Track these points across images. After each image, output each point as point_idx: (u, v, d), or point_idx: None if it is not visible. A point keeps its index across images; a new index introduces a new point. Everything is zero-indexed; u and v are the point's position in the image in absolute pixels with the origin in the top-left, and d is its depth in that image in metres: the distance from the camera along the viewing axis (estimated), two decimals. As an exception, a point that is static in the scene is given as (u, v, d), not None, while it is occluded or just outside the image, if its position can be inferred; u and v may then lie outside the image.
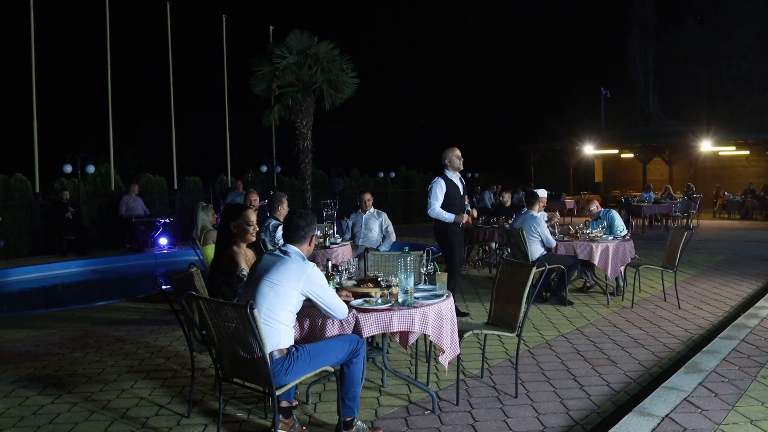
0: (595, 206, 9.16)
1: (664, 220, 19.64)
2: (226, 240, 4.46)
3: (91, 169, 15.45)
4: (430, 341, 5.34)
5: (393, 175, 24.38)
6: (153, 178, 17.06)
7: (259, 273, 3.66)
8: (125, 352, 6.13)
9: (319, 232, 7.53)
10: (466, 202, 7.57)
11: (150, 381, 5.21)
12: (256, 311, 3.30)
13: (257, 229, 4.53)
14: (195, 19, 20.12)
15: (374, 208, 8.83)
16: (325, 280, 3.69)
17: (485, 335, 5.35)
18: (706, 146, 25.34)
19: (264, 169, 18.83)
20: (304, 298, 3.65)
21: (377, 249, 8.42)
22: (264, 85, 17.24)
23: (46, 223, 14.68)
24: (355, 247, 8.40)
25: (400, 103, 35.84)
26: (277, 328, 3.52)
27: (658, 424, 3.84)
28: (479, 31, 39.28)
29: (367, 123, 31.45)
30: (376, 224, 8.64)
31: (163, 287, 9.25)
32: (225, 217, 4.55)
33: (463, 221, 7.08)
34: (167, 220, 15.40)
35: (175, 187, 17.35)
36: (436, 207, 7.00)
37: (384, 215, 8.71)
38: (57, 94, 16.23)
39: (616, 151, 29.89)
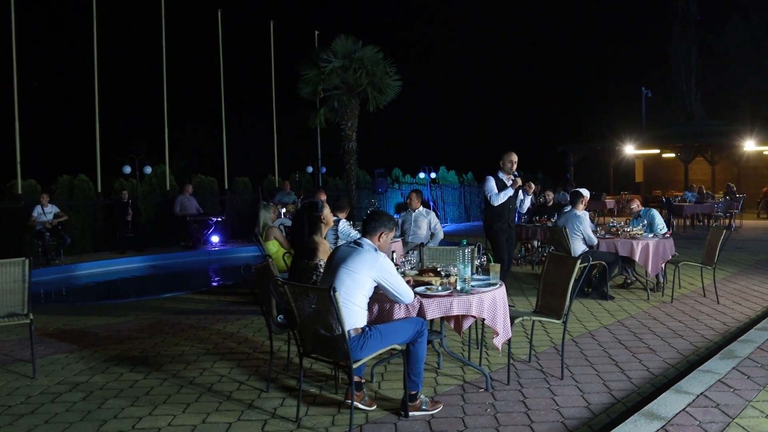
0: (635, 205, 9.48)
1: (706, 220, 19.68)
2: (309, 231, 4.98)
3: (148, 170, 16.24)
4: (481, 330, 5.82)
5: (434, 175, 24.79)
6: (205, 179, 17.80)
7: (337, 262, 4.19)
8: (199, 338, 6.72)
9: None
10: (522, 198, 8.13)
11: (227, 362, 5.77)
12: (337, 294, 3.81)
13: (331, 224, 5.05)
14: (244, 26, 20.84)
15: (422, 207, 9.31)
16: (395, 268, 4.20)
17: (532, 323, 5.80)
18: (749, 145, 25.17)
19: (310, 169, 19.45)
20: (376, 284, 4.16)
21: (420, 246, 8.88)
22: (310, 89, 17.85)
23: (107, 222, 15.51)
24: (405, 243, 8.88)
25: (441, 104, 36.23)
26: (353, 309, 4.04)
27: (693, 400, 4.24)
28: (521, 32, 39.44)
29: (408, 124, 31.92)
30: (424, 222, 9.10)
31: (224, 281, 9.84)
32: (305, 210, 5.08)
33: (517, 185, 7.89)
34: (219, 219, 16.08)
35: (226, 187, 18.04)
36: (495, 196, 7.62)
37: (432, 214, 9.18)
38: (113, 97, 17.04)
39: (657, 151, 29.80)
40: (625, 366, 5.41)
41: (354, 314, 4.04)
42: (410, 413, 4.29)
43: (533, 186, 8.21)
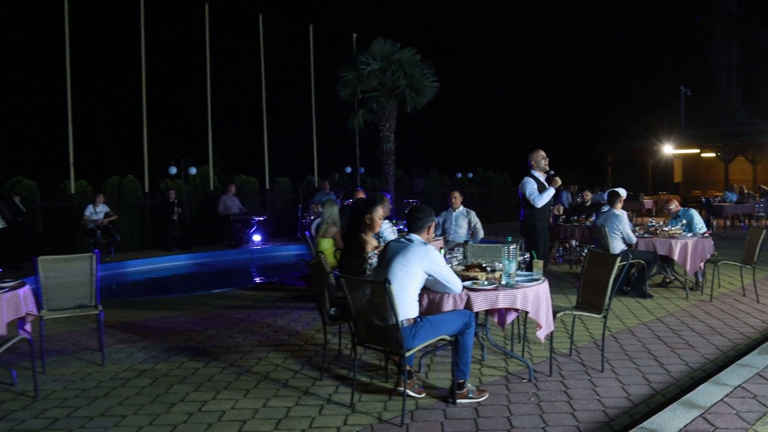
0: (674, 205, 9.57)
1: (746, 221, 19.48)
2: (359, 228, 5.27)
3: (193, 170, 16.75)
4: (523, 326, 6.04)
5: (470, 175, 24.97)
6: (246, 179, 18.26)
7: (389, 256, 4.47)
8: (251, 330, 7.06)
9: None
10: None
11: (280, 353, 6.09)
12: (391, 286, 4.09)
13: (376, 228, 5.33)
14: (284, 30, 21.31)
15: (463, 206, 9.54)
16: (444, 260, 4.47)
17: (573, 319, 6.01)
18: (793, 145, 24.79)
19: (348, 170, 19.79)
20: (427, 276, 4.43)
21: (465, 244, 9.10)
22: (349, 91, 18.22)
23: (153, 220, 16.05)
24: (446, 242, 9.12)
25: (478, 104, 36.31)
26: (406, 301, 4.32)
27: (731, 391, 4.41)
28: (558, 31, 39.29)
29: (445, 124, 32.11)
30: (464, 221, 9.33)
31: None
32: (359, 210, 5.38)
33: (558, 185, 8.11)
34: (261, 218, 16.50)
35: (267, 187, 18.47)
36: (538, 197, 7.77)
37: (472, 213, 9.40)
38: (158, 100, 17.60)
39: (696, 151, 29.47)
40: (664, 360, 5.58)
41: (407, 305, 4.32)
42: (458, 401, 4.55)
43: (559, 181, 8.35)
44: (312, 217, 16.16)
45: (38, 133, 21.53)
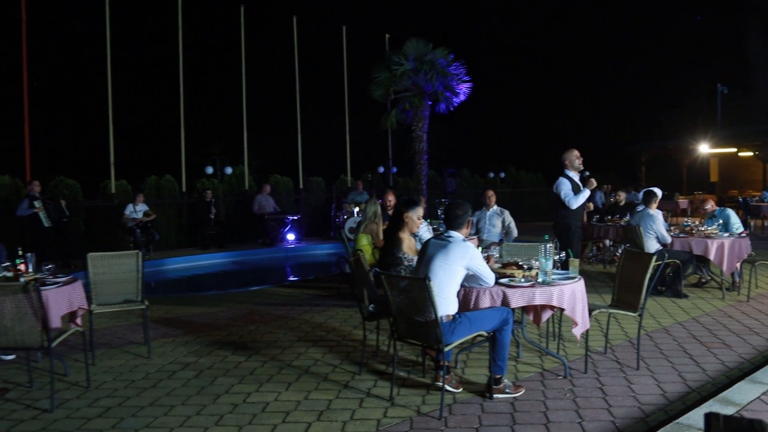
0: (710, 205, 9.52)
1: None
2: (397, 227, 5.40)
3: (228, 170, 17.05)
4: (558, 324, 6.11)
5: (503, 175, 24.94)
6: (281, 179, 18.52)
7: (429, 254, 4.59)
8: (290, 326, 7.24)
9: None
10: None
11: (319, 348, 6.25)
12: (431, 283, 4.21)
13: (414, 228, 5.46)
14: (318, 31, 21.55)
15: (497, 205, 9.62)
16: (481, 256, 4.59)
17: (608, 318, 6.06)
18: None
19: (381, 169, 19.94)
20: (466, 273, 4.54)
21: (500, 243, 9.18)
22: (382, 91, 18.38)
23: (190, 219, 16.39)
24: (480, 241, 9.20)
25: (510, 103, 36.20)
26: (445, 297, 4.44)
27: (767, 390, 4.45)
28: (591, 29, 38.98)
29: (478, 124, 32.09)
30: (498, 221, 9.40)
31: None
32: (399, 208, 5.52)
33: (593, 186, 8.07)
34: (295, 217, 16.72)
35: (301, 186, 18.71)
36: (573, 199, 7.76)
37: (506, 212, 9.46)
38: (193, 100, 17.96)
39: (733, 150, 29.00)
40: (699, 359, 5.61)
41: (446, 302, 4.44)
42: (494, 395, 4.65)
43: (594, 182, 8.34)
44: (345, 217, 16.37)
45: (80, 134, 22.10)
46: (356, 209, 16.23)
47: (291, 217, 16.61)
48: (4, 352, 5.63)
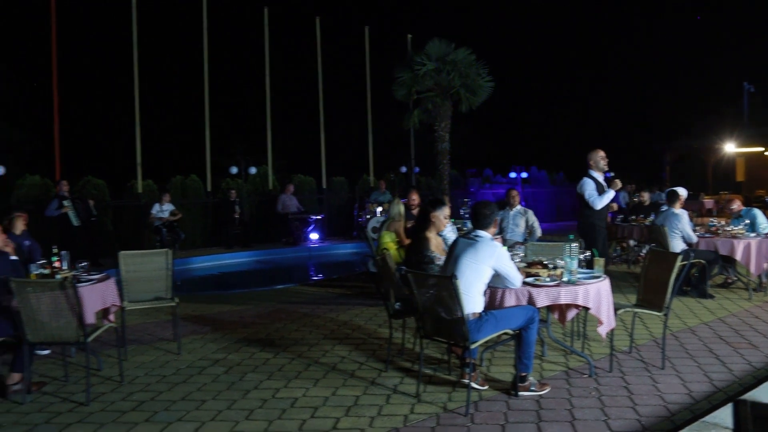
0: (736, 205, 9.44)
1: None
2: (424, 226, 5.46)
3: (253, 170, 17.22)
4: (583, 323, 6.14)
5: (525, 174, 24.88)
6: (304, 178, 18.65)
7: (457, 253, 4.66)
8: (315, 324, 7.33)
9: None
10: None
11: (345, 345, 6.34)
12: (458, 281, 4.27)
13: (441, 227, 5.52)
14: (341, 31, 21.68)
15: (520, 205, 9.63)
16: (509, 256, 4.64)
17: (633, 317, 6.07)
18: None
19: (404, 169, 20.00)
20: (493, 272, 4.60)
21: (524, 243, 9.19)
22: (404, 91, 18.42)
23: (215, 219, 16.58)
24: (503, 241, 9.22)
25: (532, 102, 36.07)
26: (472, 296, 4.50)
27: (795, 389, 4.44)
28: (615, 27, 38.70)
29: (499, 123, 32.02)
30: (522, 220, 9.41)
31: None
32: (425, 208, 5.59)
33: (618, 187, 7.97)
34: (318, 217, 16.84)
35: (324, 186, 18.83)
36: (598, 199, 7.76)
37: (530, 212, 9.47)
38: (218, 101, 18.16)
39: (760, 149, 28.62)
40: (726, 359, 5.60)
41: (472, 300, 4.50)
42: (520, 393, 4.70)
43: (619, 183, 8.31)
44: (368, 216, 16.46)
45: (108, 135, 22.45)
46: (379, 209, 16.32)
47: (314, 217, 16.73)
48: (39, 347, 5.78)
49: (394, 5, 32.47)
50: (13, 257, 5.42)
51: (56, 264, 5.74)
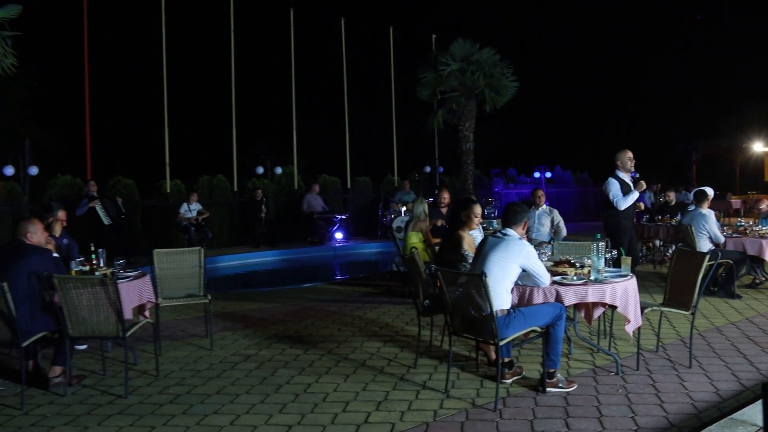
0: (764, 204, 9.41)
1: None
2: (456, 225, 5.56)
3: (278, 170, 17.41)
4: (610, 322, 6.18)
5: (549, 174, 24.80)
6: (329, 178, 18.81)
7: (486, 251, 4.74)
8: (343, 322, 7.46)
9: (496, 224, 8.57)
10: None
11: (373, 342, 6.45)
12: (487, 279, 4.36)
13: (473, 225, 5.61)
14: (365, 32, 21.82)
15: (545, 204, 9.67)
16: (537, 255, 4.72)
17: (660, 316, 6.09)
18: None
19: (428, 169, 20.07)
20: (521, 270, 4.68)
21: (549, 242, 9.23)
22: (428, 91, 18.51)
23: (242, 218, 16.80)
24: (529, 240, 9.26)
25: (556, 102, 35.89)
26: (500, 293, 4.58)
27: (824, 388, 4.45)
28: (639, 25, 38.39)
29: (523, 122, 31.93)
30: (547, 220, 9.45)
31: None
32: (456, 208, 5.69)
33: (642, 188, 8.04)
34: (343, 217, 16.97)
35: (348, 186, 18.98)
36: (622, 200, 7.80)
37: (555, 212, 9.50)
38: (244, 101, 18.40)
39: (790, 148, 28.24)
40: (754, 359, 5.61)
41: (501, 297, 4.58)
42: (547, 389, 4.77)
43: (644, 185, 8.32)
44: (392, 216, 16.56)
45: (137, 135, 22.84)
46: (403, 209, 16.40)
47: (339, 216, 16.86)
48: (78, 341, 5.96)
49: (418, 6, 32.54)
50: (55, 254, 5.61)
51: (94, 261, 5.92)
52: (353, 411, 4.58)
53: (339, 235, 16.71)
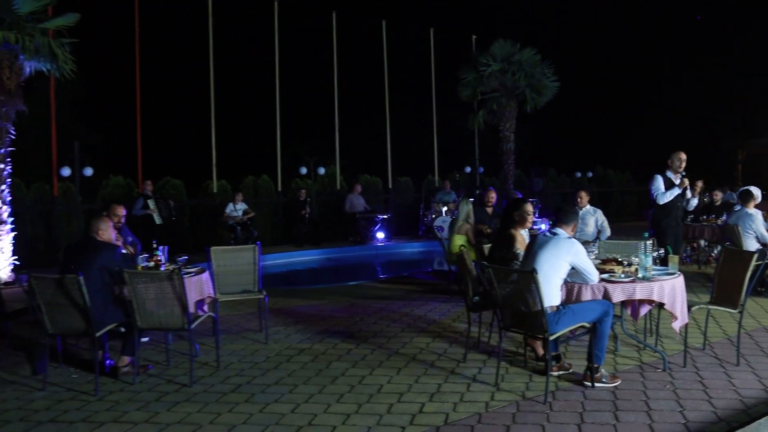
0: (813, 205, 9.32)
1: None
2: (509, 224, 5.72)
3: (321, 170, 17.72)
4: (656, 320, 6.26)
5: (590, 174, 24.67)
6: (370, 178, 19.06)
7: (536, 248, 4.91)
8: (391, 318, 7.66)
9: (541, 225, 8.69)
10: (689, 197, 8.41)
11: (422, 338, 6.64)
12: (538, 275, 4.52)
13: (527, 224, 5.78)
14: (406, 33, 22.01)
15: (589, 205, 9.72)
16: (586, 253, 4.86)
17: (707, 315, 6.17)
18: None
19: (468, 169, 20.18)
20: (570, 268, 4.83)
21: (593, 242, 9.29)
22: (469, 91, 18.66)
23: (285, 218, 17.16)
24: (573, 239, 9.34)
25: (597, 100, 35.56)
26: (550, 289, 4.75)
27: None
28: (683, 24, 37.79)
29: (563, 121, 31.72)
30: (591, 220, 9.49)
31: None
32: (508, 207, 5.86)
33: (684, 186, 8.09)
34: (385, 216, 17.19)
35: (390, 186, 19.20)
36: (662, 195, 7.92)
37: (599, 212, 9.54)
38: (287, 103, 18.75)
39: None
40: (803, 358, 5.65)
41: (550, 294, 4.74)
42: (594, 384, 4.90)
43: (700, 184, 8.38)
44: (433, 216, 16.74)
45: (185, 137, 23.43)
46: (444, 208, 16.57)
47: (380, 216, 17.07)
48: (141, 334, 6.27)
49: (458, 6, 32.60)
50: (124, 251, 5.94)
51: (159, 257, 6.24)
52: (408, 401, 4.78)
53: (380, 235, 16.91)
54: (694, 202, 8.75)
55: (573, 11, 37.86)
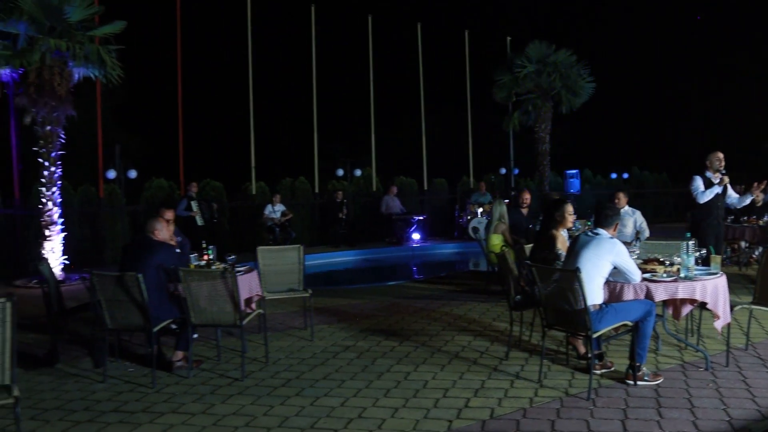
0: None
1: None
2: (550, 225, 5.84)
3: (357, 172, 17.95)
4: (698, 320, 6.30)
5: (626, 175, 24.48)
6: (406, 180, 19.21)
7: (578, 248, 5.02)
8: (432, 317, 7.81)
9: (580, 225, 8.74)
10: (733, 195, 8.43)
11: (463, 336, 6.77)
12: (581, 274, 4.63)
13: (567, 224, 5.88)
14: (440, 36, 22.17)
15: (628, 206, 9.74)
16: (627, 252, 4.96)
17: (749, 315, 6.15)
18: None
19: (503, 171, 20.22)
20: (612, 267, 4.92)
21: (631, 244, 9.31)
22: (504, 93, 18.70)
23: (322, 219, 17.41)
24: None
25: (633, 101, 35.22)
26: (592, 288, 4.84)
27: None
28: (719, 22, 37.21)
29: (599, 123, 31.50)
30: (630, 221, 9.50)
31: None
32: (549, 208, 5.97)
33: (724, 183, 8.17)
34: (420, 218, 17.32)
35: (425, 188, 19.33)
36: (701, 194, 7.97)
37: (638, 213, 9.54)
38: (324, 105, 19.03)
39: None
40: None
41: (593, 292, 4.84)
42: (637, 382, 4.99)
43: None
44: (468, 217, 16.83)
45: (225, 139, 23.91)
46: (479, 210, 16.65)
47: (416, 218, 17.20)
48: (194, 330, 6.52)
49: (493, 8, 32.61)
50: (177, 250, 6.19)
51: (211, 257, 6.49)
52: (453, 397, 4.92)
53: (416, 236, 17.05)
54: (747, 199, 8.71)
55: (608, 11, 37.57)
